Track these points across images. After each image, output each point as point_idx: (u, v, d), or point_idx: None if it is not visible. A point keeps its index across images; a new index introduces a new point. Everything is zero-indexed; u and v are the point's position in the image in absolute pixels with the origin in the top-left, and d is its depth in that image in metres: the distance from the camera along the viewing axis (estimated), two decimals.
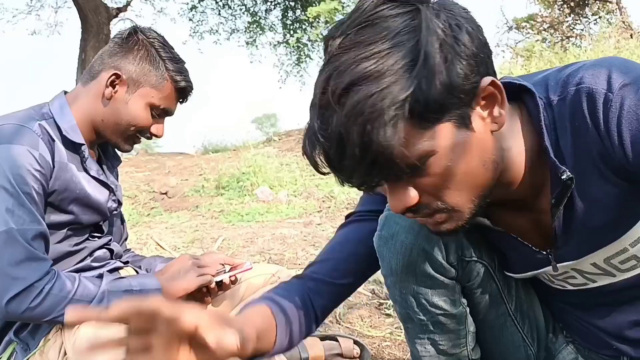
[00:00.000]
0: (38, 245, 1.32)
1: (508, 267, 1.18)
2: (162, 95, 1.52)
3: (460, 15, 0.85)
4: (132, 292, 1.42)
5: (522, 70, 7.68)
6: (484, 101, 0.87)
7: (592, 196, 0.95)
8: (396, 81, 0.78)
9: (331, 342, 1.82)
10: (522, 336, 1.25)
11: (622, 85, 0.86)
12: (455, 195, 0.89)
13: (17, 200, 1.30)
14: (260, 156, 6.45)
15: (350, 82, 0.79)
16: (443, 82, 0.79)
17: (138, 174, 6.73)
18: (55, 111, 1.48)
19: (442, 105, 0.81)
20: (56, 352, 1.40)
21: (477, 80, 0.84)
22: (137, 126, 1.52)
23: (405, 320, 1.21)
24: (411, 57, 0.78)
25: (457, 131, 0.84)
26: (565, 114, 0.91)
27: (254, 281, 1.81)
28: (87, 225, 1.54)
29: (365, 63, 0.78)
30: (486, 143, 0.88)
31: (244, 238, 3.88)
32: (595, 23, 10.25)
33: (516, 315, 1.23)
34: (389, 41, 0.79)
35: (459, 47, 0.81)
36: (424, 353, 1.23)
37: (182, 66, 1.56)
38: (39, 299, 1.29)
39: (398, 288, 1.14)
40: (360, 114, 0.78)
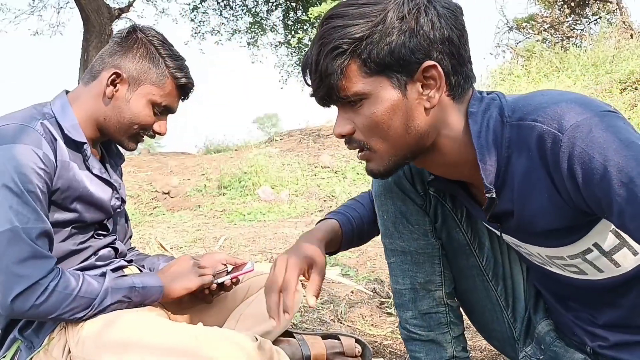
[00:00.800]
0: (42, 244, 1.33)
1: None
2: (163, 93, 1.53)
3: (437, 8, 1.02)
4: (135, 290, 1.44)
5: (522, 70, 7.69)
6: (425, 80, 1.04)
7: (531, 212, 1.08)
8: (357, 25, 1.00)
9: (333, 340, 1.83)
10: (496, 296, 1.38)
11: (573, 125, 0.94)
12: (378, 142, 1.09)
13: (21, 199, 1.31)
14: (262, 156, 6.46)
15: (330, 15, 1.04)
16: (390, 44, 1.00)
17: (140, 174, 6.74)
18: (57, 110, 1.49)
19: (384, 62, 1.01)
20: (60, 350, 1.41)
21: (421, 58, 1.01)
22: (139, 124, 1.53)
23: (389, 255, 1.39)
24: (375, 15, 1.00)
25: (392, 90, 1.04)
26: (520, 139, 1.03)
27: (256, 280, 1.83)
28: (91, 224, 1.55)
29: (346, 7, 1.02)
30: (415, 113, 1.05)
31: (246, 237, 3.89)
32: (596, 23, 10.26)
33: (487, 272, 1.37)
34: (363, 4, 1.01)
35: (416, 26, 1.00)
36: (401, 286, 1.38)
37: (182, 63, 1.57)
38: (44, 296, 1.30)
39: (381, 213, 1.35)
40: (322, 39, 1.03)
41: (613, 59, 7.06)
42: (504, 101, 1.08)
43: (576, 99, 0.99)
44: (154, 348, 1.32)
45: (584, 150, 0.93)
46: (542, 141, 0.98)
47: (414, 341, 1.39)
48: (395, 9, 1.00)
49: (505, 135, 1.05)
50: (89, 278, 1.39)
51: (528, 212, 1.08)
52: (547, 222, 1.07)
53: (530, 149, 1.01)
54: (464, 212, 1.33)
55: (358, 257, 3.17)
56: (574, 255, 1.12)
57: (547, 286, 1.32)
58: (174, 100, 1.57)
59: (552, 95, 1.03)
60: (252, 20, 13.64)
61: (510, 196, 1.09)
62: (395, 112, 1.04)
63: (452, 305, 1.39)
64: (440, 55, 1.02)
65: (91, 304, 1.37)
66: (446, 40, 1.02)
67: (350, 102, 1.06)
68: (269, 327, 1.72)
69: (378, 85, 1.03)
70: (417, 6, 1.01)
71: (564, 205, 1.02)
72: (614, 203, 0.92)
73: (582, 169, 0.93)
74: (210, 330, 1.41)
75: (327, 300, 2.50)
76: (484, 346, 1.89)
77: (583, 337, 1.26)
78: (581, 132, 0.93)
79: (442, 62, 1.03)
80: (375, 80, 1.03)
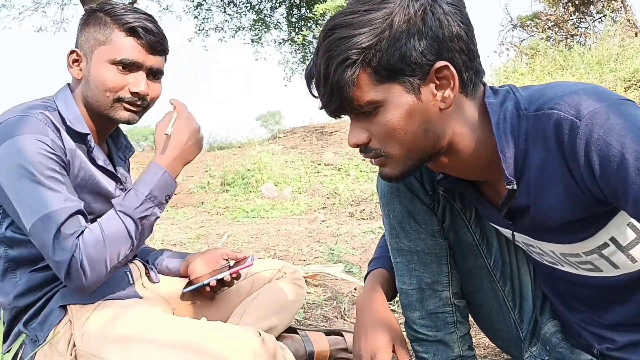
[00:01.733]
0: (71, 224, 1.31)
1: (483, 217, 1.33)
2: (114, 47, 1.45)
3: (442, 6, 1.00)
4: (149, 200, 1.41)
5: (526, 68, 7.67)
6: (438, 81, 1.01)
7: (546, 205, 1.07)
8: (364, 33, 0.98)
9: (336, 337, 1.83)
10: (503, 296, 1.37)
11: (590, 112, 0.93)
12: (395, 148, 1.07)
13: (44, 186, 1.31)
14: (265, 153, 6.47)
15: (333, 26, 1.01)
16: (400, 49, 0.98)
17: None
18: (60, 103, 1.49)
19: (395, 68, 0.99)
20: (65, 344, 1.41)
21: (432, 59, 0.99)
22: (109, 89, 1.46)
23: (395, 255, 1.37)
24: (382, 20, 0.98)
25: (407, 94, 1.01)
26: (537, 130, 1.02)
27: (260, 276, 1.83)
28: (99, 216, 1.55)
29: (349, 16, 0.99)
30: (431, 115, 1.03)
31: (249, 234, 3.90)
32: (600, 21, 10.22)
33: (495, 272, 1.36)
34: (370, 5, 0.99)
35: (424, 27, 0.98)
36: (408, 286, 1.36)
37: (132, 11, 1.49)
38: (83, 268, 1.29)
39: (387, 212, 1.33)
40: (329, 51, 1.00)
41: (617, 57, 7.04)
42: (518, 95, 1.07)
43: (593, 88, 0.98)
44: (158, 342, 1.33)
45: (602, 137, 0.92)
46: (560, 128, 0.97)
47: (421, 342, 1.38)
48: (401, 12, 0.97)
49: (522, 128, 1.04)
50: (104, 220, 1.37)
51: (544, 205, 1.07)
52: (563, 215, 1.05)
53: (547, 138, 1.00)
54: (473, 212, 1.31)
55: (361, 254, 3.17)
56: (590, 251, 1.11)
57: (554, 288, 1.31)
58: (132, 52, 1.46)
59: (567, 85, 1.02)
60: (256, 17, 13.64)
61: (526, 190, 1.08)
62: (412, 117, 1.02)
63: (459, 305, 1.37)
64: (451, 54, 1.00)
65: (124, 234, 1.36)
66: (455, 37, 1.00)
67: (364, 111, 1.04)
68: (273, 322, 1.72)
69: (391, 91, 1.01)
70: (423, 6, 0.98)
71: (580, 195, 1.01)
72: (629, 191, 0.91)
73: (599, 156, 0.93)
74: (214, 325, 1.42)
75: (330, 297, 2.50)
76: (487, 343, 1.89)
77: (590, 339, 1.26)
78: (599, 119, 0.92)
79: (454, 60, 1.01)
80: (388, 86, 1.01)
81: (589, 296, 1.22)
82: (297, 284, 1.86)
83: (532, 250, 1.25)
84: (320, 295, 2.53)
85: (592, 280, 1.17)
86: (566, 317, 1.31)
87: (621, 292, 1.15)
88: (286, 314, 1.79)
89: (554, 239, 1.14)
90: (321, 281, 2.69)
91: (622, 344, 1.19)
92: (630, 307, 1.15)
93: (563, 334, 1.35)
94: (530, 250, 1.26)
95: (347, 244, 3.40)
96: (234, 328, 1.42)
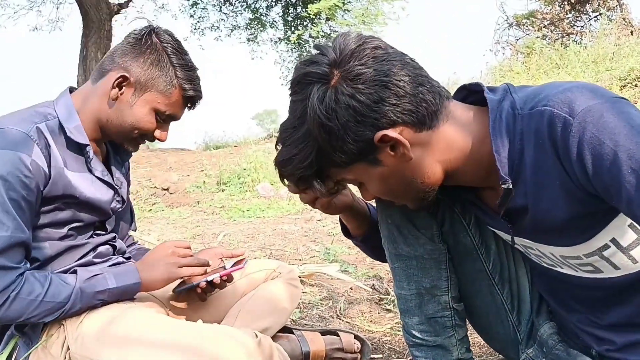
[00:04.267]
0: (13, 254, 1.32)
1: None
2: (168, 102, 1.50)
3: (344, 89, 1.01)
4: (107, 292, 1.42)
5: (522, 67, 7.69)
6: (387, 144, 1.04)
7: (545, 204, 1.06)
8: (299, 153, 1.06)
9: (332, 336, 1.83)
10: (502, 299, 1.37)
11: (584, 110, 0.93)
12: (399, 199, 1.17)
13: (2, 207, 1.30)
14: (261, 152, 6.48)
15: (277, 143, 1.12)
16: (336, 149, 1.04)
17: (140, 170, 6.74)
18: (60, 111, 1.47)
19: (344, 160, 1.06)
20: (59, 347, 1.41)
21: (368, 137, 1.02)
22: (140, 129, 1.51)
23: (393, 260, 1.36)
24: (306, 137, 1.05)
25: (370, 168, 1.08)
26: (531, 129, 1.01)
27: (255, 276, 1.82)
28: (89, 224, 1.54)
29: (284, 132, 1.09)
30: (403, 170, 1.08)
31: (245, 234, 3.89)
32: (596, 20, 10.24)
33: (494, 276, 1.36)
34: (295, 121, 1.06)
35: (341, 122, 1.01)
36: (407, 291, 1.36)
37: (193, 74, 1.54)
38: (6, 304, 1.30)
39: (384, 217, 1.33)
40: (283, 169, 1.12)
41: (613, 55, 7.05)
42: (515, 96, 1.06)
43: (587, 85, 0.98)
44: (155, 344, 1.32)
45: (595, 135, 0.91)
46: (553, 125, 0.96)
47: (420, 347, 1.38)
48: (315, 125, 1.03)
49: (517, 127, 1.03)
50: (58, 281, 1.37)
51: (542, 204, 1.06)
52: (563, 213, 1.04)
53: (540, 136, 0.99)
54: (473, 216, 1.31)
55: (357, 253, 3.17)
56: (590, 252, 1.10)
57: (552, 290, 1.31)
58: (178, 110, 1.55)
59: (561, 83, 1.02)
60: (252, 16, 13.61)
61: (523, 190, 1.07)
62: (388, 180, 1.09)
63: (458, 309, 1.37)
64: (383, 118, 1.01)
65: (60, 307, 1.36)
66: (375, 104, 1.01)
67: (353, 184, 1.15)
68: (268, 323, 1.72)
69: (358, 170, 1.09)
70: (328, 106, 1.01)
71: (576, 191, 0.99)
72: (622, 190, 0.90)
73: (592, 154, 0.92)
74: (211, 327, 1.41)
75: (326, 296, 2.50)
76: (482, 343, 1.89)
77: (588, 340, 1.25)
78: (592, 116, 0.92)
79: (391, 119, 1.02)
80: (352, 168, 1.08)
81: (588, 297, 1.21)
82: (292, 284, 1.85)
83: (531, 253, 1.24)
84: (316, 294, 2.52)
85: (592, 281, 1.16)
86: (564, 319, 1.31)
87: (621, 293, 1.14)
88: (281, 315, 1.78)
89: (554, 242, 1.13)
90: (317, 281, 2.69)
91: (621, 344, 1.18)
92: (630, 307, 1.15)
93: (560, 336, 1.34)
94: (529, 253, 1.25)
95: (343, 244, 3.40)
96: (231, 330, 1.42)
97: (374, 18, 11.44)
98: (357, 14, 11.56)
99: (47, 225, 1.43)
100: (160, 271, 1.51)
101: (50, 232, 1.44)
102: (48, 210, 1.42)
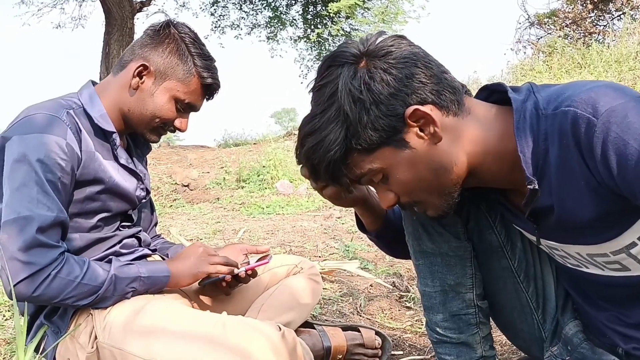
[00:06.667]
0: (53, 233, 1.34)
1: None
2: (187, 90, 1.54)
3: (382, 58, 1.04)
4: (140, 280, 1.45)
5: (543, 66, 7.61)
6: (416, 124, 1.04)
7: (571, 204, 1.05)
8: (329, 134, 1.05)
9: (353, 332, 1.84)
10: (527, 297, 1.36)
11: (608, 110, 0.92)
12: (421, 195, 1.12)
13: (41, 188, 1.33)
14: (280, 150, 6.49)
15: (303, 136, 1.09)
16: (367, 125, 1.03)
17: (160, 166, 6.80)
18: (85, 101, 1.51)
19: (374, 139, 1.04)
20: (87, 336, 1.43)
21: (399, 112, 1.03)
22: (161, 118, 1.54)
23: (417, 257, 1.36)
24: (336, 115, 1.04)
25: (398, 152, 1.06)
26: (555, 129, 1.01)
27: (277, 271, 1.84)
28: (117, 214, 1.57)
29: (311, 121, 1.07)
30: (430, 155, 1.07)
31: (265, 230, 3.91)
32: (619, 19, 10.10)
33: (519, 273, 1.35)
34: (324, 104, 1.06)
35: (375, 96, 1.02)
36: (431, 288, 1.36)
37: (211, 64, 1.57)
38: (46, 282, 1.32)
39: (409, 214, 1.31)
40: (310, 159, 1.09)
41: (637, 55, 6.95)
42: (538, 96, 1.06)
43: (611, 85, 0.97)
44: (180, 335, 1.34)
45: (619, 135, 0.91)
46: (577, 126, 0.96)
47: (444, 344, 1.38)
48: (347, 99, 1.02)
49: (541, 127, 1.03)
50: (95, 266, 1.40)
51: (568, 204, 1.05)
52: (588, 212, 1.04)
53: (564, 136, 0.99)
54: (498, 214, 1.30)
55: (377, 251, 3.17)
56: (617, 250, 1.09)
57: (578, 288, 1.30)
58: (197, 99, 1.58)
59: (585, 82, 1.01)
60: (272, 15, 13.62)
61: (548, 190, 1.06)
62: (416, 166, 1.07)
63: (482, 306, 1.36)
64: (414, 94, 1.03)
65: (96, 291, 1.38)
66: (406, 79, 1.03)
67: (378, 181, 1.11)
68: (290, 317, 1.73)
69: (385, 155, 1.06)
70: (361, 79, 1.03)
71: (601, 191, 0.99)
72: None
73: (616, 154, 0.91)
74: (235, 319, 1.43)
75: (346, 293, 2.51)
76: (504, 341, 1.89)
77: (615, 338, 1.24)
78: (616, 117, 0.91)
79: (420, 97, 1.03)
80: (379, 153, 1.06)
81: (615, 295, 1.20)
82: (314, 279, 1.87)
83: (556, 254, 1.23)
84: (336, 291, 2.53)
85: (619, 280, 1.15)
86: (590, 316, 1.30)
87: None
88: (303, 310, 1.80)
89: (580, 240, 1.12)
90: (337, 277, 2.70)
91: None
92: None
93: (585, 334, 1.34)
94: (554, 254, 1.25)
95: (362, 241, 3.40)
96: (255, 322, 1.43)
97: (394, 17, 11.40)
98: (377, 12, 11.53)
99: (77, 215, 1.46)
100: (190, 266, 1.54)
101: (81, 222, 1.47)
102: (79, 200, 1.45)
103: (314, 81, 1.10)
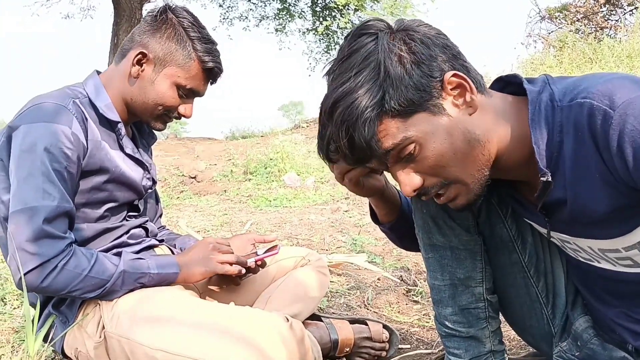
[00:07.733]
0: (59, 223, 1.34)
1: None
2: (188, 75, 1.52)
3: (414, 30, 1.04)
4: (149, 275, 1.45)
5: (554, 60, 7.56)
6: (453, 91, 1.03)
7: (584, 198, 1.04)
8: (365, 93, 1.00)
9: (361, 325, 1.83)
10: (537, 292, 1.35)
11: (625, 102, 0.91)
12: (453, 171, 1.05)
13: (47, 178, 1.33)
14: (287, 143, 6.48)
15: (333, 102, 1.02)
16: (407, 85, 1.00)
17: (168, 158, 6.81)
18: (90, 90, 1.51)
19: (412, 101, 1.00)
20: (94, 325, 1.44)
21: (439, 76, 1.02)
22: (164, 105, 1.53)
23: (427, 250, 1.35)
24: (375, 73, 1.00)
25: (434, 118, 1.02)
26: (570, 121, 1.00)
27: (284, 263, 1.84)
28: (124, 204, 1.57)
29: (341, 87, 1.02)
30: (466, 124, 1.04)
31: (272, 223, 3.91)
32: (631, 14, 10.00)
33: (529, 268, 1.34)
34: (357, 67, 1.01)
35: (415, 56, 1.01)
36: (440, 282, 1.35)
37: (212, 47, 1.55)
38: (53, 273, 1.32)
39: (420, 207, 1.30)
40: (344, 122, 1.01)
41: None
42: (554, 87, 1.05)
43: (628, 77, 0.96)
44: (188, 324, 1.34)
45: (636, 127, 0.89)
46: (593, 118, 0.94)
47: (453, 337, 1.37)
48: (388, 57, 1.00)
49: (556, 119, 1.02)
50: (104, 259, 1.39)
51: (581, 197, 1.04)
52: (602, 205, 1.02)
53: (580, 128, 0.98)
54: (509, 208, 1.29)
55: (384, 244, 3.16)
56: (630, 246, 1.07)
57: (589, 284, 1.28)
58: (200, 84, 1.56)
59: (602, 74, 1.00)
60: (280, 7, 13.60)
61: (562, 183, 1.05)
62: (452, 134, 1.03)
63: (492, 301, 1.36)
64: (450, 62, 1.04)
65: (103, 285, 1.38)
66: (443, 47, 1.04)
67: (405, 157, 1.04)
68: (297, 309, 1.73)
69: (420, 122, 1.01)
70: (402, 40, 1.02)
71: (616, 184, 0.98)
72: None
73: (632, 147, 0.90)
74: (243, 309, 1.43)
75: (353, 286, 2.50)
76: (512, 336, 1.88)
77: (625, 335, 1.23)
78: (634, 109, 0.90)
79: (455, 67, 1.04)
80: (414, 120, 1.01)
81: (626, 291, 1.19)
82: (321, 271, 1.86)
83: (568, 247, 1.22)
84: (344, 284, 2.53)
85: (630, 276, 1.14)
86: (600, 313, 1.29)
87: None
88: (310, 302, 1.79)
89: (592, 235, 1.11)
90: (344, 271, 2.70)
91: None
92: None
93: (595, 330, 1.33)
94: (566, 247, 1.23)
95: (370, 235, 3.39)
96: (262, 313, 1.43)
97: (403, 10, 11.36)
98: (386, 5, 11.49)
99: (84, 205, 1.46)
100: (199, 264, 1.53)
101: (88, 212, 1.47)
102: (86, 190, 1.45)
103: (339, 52, 1.06)
